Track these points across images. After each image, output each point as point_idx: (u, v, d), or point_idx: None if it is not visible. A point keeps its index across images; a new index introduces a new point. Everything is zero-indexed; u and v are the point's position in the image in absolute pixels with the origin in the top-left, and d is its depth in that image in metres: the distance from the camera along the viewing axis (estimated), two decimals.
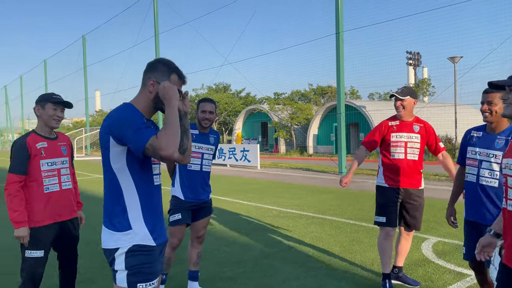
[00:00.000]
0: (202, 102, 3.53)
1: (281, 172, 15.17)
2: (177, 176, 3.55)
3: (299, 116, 28.25)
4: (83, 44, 34.20)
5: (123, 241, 1.92)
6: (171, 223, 3.49)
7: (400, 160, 3.63)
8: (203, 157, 3.55)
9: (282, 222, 6.62)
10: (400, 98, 3.59)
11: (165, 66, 2.02)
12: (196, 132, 3.53)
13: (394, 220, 3.68)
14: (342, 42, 13.56)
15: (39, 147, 2.92)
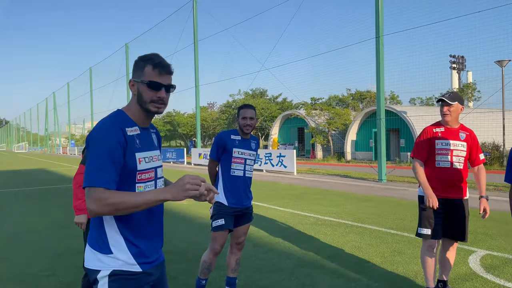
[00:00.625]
0: (242, 109, 3.56)
1: (318, 178, 14.97)
2: (220, 182, 3.57)
3: (336, 121, 27.85)
4: (126, 52, 35.47)
5: (104, 264, 1.72)
6: (214, 229, 3.48)
7: (445, 169, 3.46)
8: (245, 162, 3.58)
9: (320, 230, 6.50)
10: (448, 103, 3.42)
11: (140, 60, 1.80)
12: (238, 138, 3.57)
13: (438, 232, 3.50)
14: (382, 46, 13.26)
15: None
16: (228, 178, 3.53)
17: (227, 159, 3.53)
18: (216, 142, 3.57)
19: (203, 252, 5.20)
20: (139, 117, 1.83)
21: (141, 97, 1.78)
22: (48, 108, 74.98)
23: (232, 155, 3.51)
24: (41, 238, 6.33)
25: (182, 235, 6.35)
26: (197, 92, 24.38)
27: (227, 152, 3.52)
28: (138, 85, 1.79)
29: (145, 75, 1.77)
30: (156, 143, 1.95)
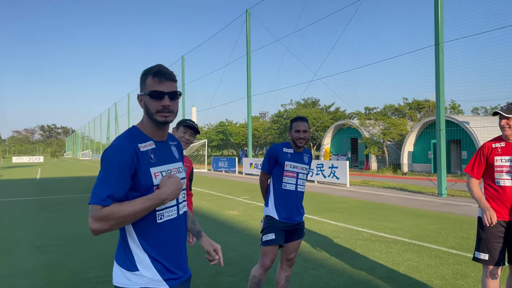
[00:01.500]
0: (295, 122, 3.48)
1: (372, 191, 14.42)
2: (271, 195, 3.49)
3: (392, 131, 26.83)
4: (182, 64, 36.76)
5: (131, 281, 1.72)
6: (264, 243, 3.39)
7: (507, 188, 3.13)
8: (297, 176, 3.49)
9: (374, 246, 6.20)
10: (505, 116, 3.12)
11: (142, 74, 1.79)
12: (291, 151, 3.49)
13: (499, 257, 3.17)
14: (442, 53, 12.60)
15: None
16: (279, 192, 3.45)
17: (279, 173, 3.46)
18: (268, 155, 3.51)
19: (254, 265, 5.15)
20: (153, 131, 1.80)
21: (148, 109, 1.77)
22: (110, 118, 79.49)
23: (284, 168, 3.43)
24: (98, 243, 6.59)
25: (233, 246, 6.33)
26: (249, 102, 24.63)
27: (279, 165, 3.45)
28: (143, 98, 1.77)
29: (147, 87, 1.76)
30: (178, 155, 1.93)
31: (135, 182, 1.69)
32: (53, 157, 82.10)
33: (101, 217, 1.59)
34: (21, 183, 20.12)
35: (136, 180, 1.69)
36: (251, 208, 10.41)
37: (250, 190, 15.04)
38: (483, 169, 3.30)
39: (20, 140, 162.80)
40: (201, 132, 50.63)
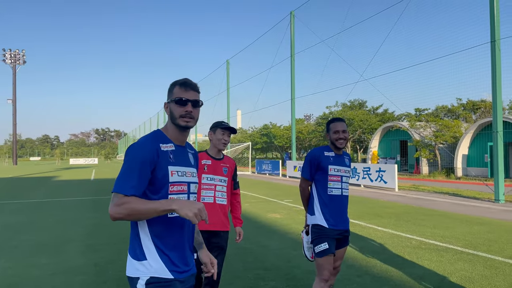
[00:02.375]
0: (333, 123, 3.37)
1: (422, 196, 13.81)
2: (316, 202, 3.34)
3: (445, 134, 25.58)
4: (227, 68, 37.30)
5: (140, 271, 1.87)
6: (318, 254, 3.22)
7: None
8: (342, 180, 3.37)
9: (423, 254, 5.91)
10: None
11: (170, 85, 2.03)
12: (332, 154, 3.38)
13: None
14: (498, 50, 11.85)
15: (203, 163, 3.49)
16: (325, 198, 3.31)
17: (322, 178, 3.33)
18: (309, 160, 3.38)
19: (295, 270, 5.09)
20: (174, 135, 2.00)
21: (172, 114, 1.97)
22: (159, 121, 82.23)
23: (328, 173, 3.32)
24: None
25: (274, 250, 6.28)
26: (292, 104, 24.50)
27: (322, 170, 3.33)
28: (170, 105, 1.99)
29: (174, 95, 1.98)
30: (193, 162, 2.10)
31: (153, 176, 1.87)
32: (106, 159, 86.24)
33: (121, 203, 1.75)
34: (77, 184, 21.27)
35: (155, 175, 1.87)
36: (294, 212, 10.31)
37: (293, 194, 14.92)
38: None
39: (76, 143, 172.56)
40: (245, 135, 51.10)
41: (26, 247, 6.67)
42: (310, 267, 5.27)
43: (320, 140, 41.61)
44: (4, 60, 66.46)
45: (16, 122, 66.30)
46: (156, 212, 1.75)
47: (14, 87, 66.67)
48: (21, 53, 67.24)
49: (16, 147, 68.26)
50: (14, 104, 66.82)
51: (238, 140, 49.89)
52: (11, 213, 10.58)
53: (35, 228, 8.40)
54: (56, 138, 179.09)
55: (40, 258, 5.94)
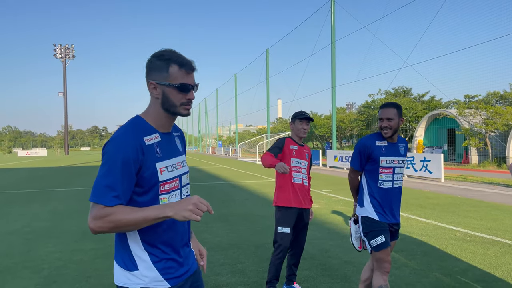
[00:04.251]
0: (380, 109, 3.14)
1: (470, 187, 13.15)
2: (365, 194, 3.18)
3: (496, 121, 24.15)
4: (267, 57, 37.16)
5: (131, 281, 1.62)
6: (376, 248, 3.06)
7: None
8: (394, 172, 3.13)
9: (468, 247, 5.62)
10: None
11: (159, 60, 1.63)
12: (384, 143, 3.13)
13: None
14: None
15: (291, 148, 3.89)
16: (375, 191, 3.13)
17: (373, 169, 3.13)
18: (359, 150, 3.15)
19: (331, 260, 5.01)
20: (161, 122, 1.69)
21: (168, 100, 1.64)
22: (201, 112, 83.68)
23: (379, 164, 3.10)
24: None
25: (311, 239, 6.22)
26: (333, 92, 24.03)
27: (372, 161, 3.11)
28: (163, 88, 1.63)
29: (172, 77, 1.63)
30: (181, 147, 1.82)
31: (140, 178, 1.57)
32: None
33: (103, 216, 1.47)
34: None
35: (141, 176, 1.57)
36: (333, 202, 10.16)
37: (333, 183, 14.70)
38: None
39: None
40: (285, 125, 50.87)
41: (73, 233, 7.02)
42: (347, 258, 5.17)
43: (362, 130, 40.64)
44: (55, 55, 69.96)
45: (67, 114, 69.89)
46: (146, 221, 1.49)
47: (64, 80, 70.18)
48: (70, 48, 70.44)
49: (67, 138, 72.06)
50: (65, 97, 70.39)
51: (278, 130, 49.80)
52: (60, 201, 11.17)
53: (83, 215, 8.81)
54: (105, 129, 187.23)
55: (85, 243, 6.22)
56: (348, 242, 6.01)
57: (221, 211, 8.88)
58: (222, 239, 6.33)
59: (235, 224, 7.43)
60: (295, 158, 3.87)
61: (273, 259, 3.85)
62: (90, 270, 4.87)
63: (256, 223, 7.46)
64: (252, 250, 5.61)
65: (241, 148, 47.07)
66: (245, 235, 6.55)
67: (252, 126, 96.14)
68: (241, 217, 8.17)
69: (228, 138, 73.45)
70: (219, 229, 7.08)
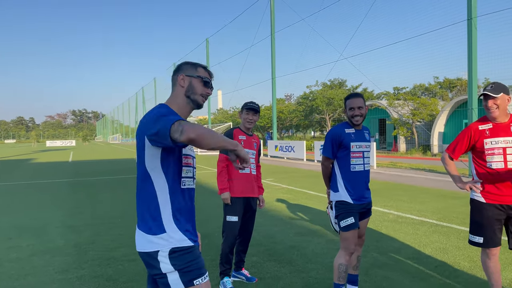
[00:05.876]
0: (349, 99, 3.36)
1: (400, 173, 14.14)
2: (339, 179, 3.37)
3: (422, 112, 26.07)
4: (207, 46, 36.72)
5: (160, 244, 1.90)
6: (345, 228, 3.28)
7: (499, 170, 3.01)
8: (363, 155, 3.38)
9: (400, 228, 6.09)
10: (492, 96, 2.99)
11: (189, 64, 2.10)
12: (352, 130, 3.37)
13: (494, 240, 3.10)
14: (475, 29, 12.03)
15: (240, 139, 3.93)
16: (348, 175, 3.33)
17: (345, 156, 3.34)
18: (330, 139, 3.36)
19: (277, 246, 5.18)
20: (183, 110, 2.05)
21: (192, 88, 2.04)
22: (138, 102, 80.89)
23: (350, 150, 3.32)
24: (128, 224, 6.78)
25: (256, 226, 6.35)
26: (273, 84, 24.43)
27: (344, 147, 3.32)
28: (191, 79, 2.04)
29: (199, 73, 2.06)
30: None
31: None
32: (84, 141, 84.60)
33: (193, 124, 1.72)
34: (54, 166, 20.87)
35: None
36: (276, 190, 10.42)
37: (275, 172, 15.05)
38: (463, 151, 3.25)
39: (53, 125, 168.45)
40: (226, 115, 50.84)
41: (5, 230, 6.56)
42: (291, 243, 5.37)
43: (301, 120, 41.80)
44: None
45: None
46: (221, 144, 1.76)
47: None
48: None
49: None
50: None
51: (219, 120, 49.64)
52: None
53: (14, 211, 8.25)
54: (32, 120, 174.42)
55: (19, 240, 5.86)
56: (292, 227, 6.24)
57: None
58: None
59: None
60: (244, 148, 3.94)
61: (224, 248, 3.92)
62: (28, 268, 4.61)
63: (202, 213, 7.47)
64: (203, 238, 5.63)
65: None
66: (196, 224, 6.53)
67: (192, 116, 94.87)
68: None
69: None
70: None
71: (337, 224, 3.36)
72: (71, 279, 4.24)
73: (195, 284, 1.89)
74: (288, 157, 22.22)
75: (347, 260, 3.30)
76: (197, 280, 1.90)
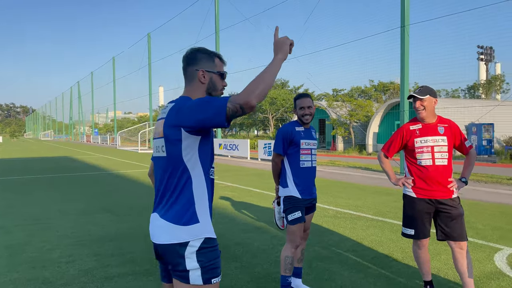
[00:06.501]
0: (299, 99, 3.55)
1: (338, 171, 14.78)
2: (288, 175, 3.52)
3: (358, 113, 27.42)
4: (148, 41, 35.74)
5: (190, 235, 1.86)
6: (292, 222, 3.43)
7: (428, 167, 3.32)
8: (311, 152, 3.58)
9: (339, 223, 6.40)
10: (419, 98, 3.29)
11: (205, 53, 2.03)
12: (302, 129, 3.55)
13: (424, 232, 3.40)
14: (407, 36, 12.88)
15: None
16: (298, 171, 3.50)
17: (295, 153, 3.50)
18: (282, 136, 3.51)
19: (221, 242, 5.20)
20: None
21: (214, 85, 2.02)
22: (73, 97, 76.64)
23: (300, 147, 3.49)
24: (63, 224, 6.45)
25: None
26: None
27: (294, 144, 3.49)
28: (212, 75, 2.01)
29: (217, 67, 2.03)
30: None
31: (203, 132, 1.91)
32: (12, 137, 78.68)
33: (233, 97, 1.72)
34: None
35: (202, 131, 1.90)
36: (220, 188, 10.44)
37: (219, 171, 15.04)
38: (397, 150, 3.53)
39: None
40: None
41: None
42: (237, 240, 5.44)
43: (244, 119, 42.05)
44: None
45: None
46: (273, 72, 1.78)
47: None
48: None
49: None
50: None
51: None
52: None
53: None
54: None
55: None
56: (237, 225, 6.32)
57: (106, 202, 8.45)
58: (109, 230, 6.07)
59: (121, 215, 7.16)
60: None
61: None
62: None
63: (144, 213, 7.31)
64: (141, 239, 5.51)
65: (120, 136, 44.63)
66: (133, 225, 6.38)
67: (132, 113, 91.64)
68: (128, 207, 7.90)
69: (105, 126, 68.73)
70: (105, 220, 6.75)
71: (285, 218, 3.50)
72: (5, 283, 3.97)
73: (213, 282, 1.89)
74: (232, 155, 22.30)
75: (293, 253, 3.44)
76: (215, 279, 1.90)
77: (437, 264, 4.39)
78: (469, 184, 10.11)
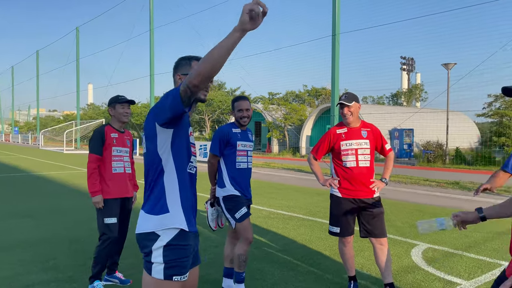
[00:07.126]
0: (237, 101, 3.58)
1: (273, 173, 15.10)
2: (225, 176, 3.54)
3: (292, 116, 28.22)
4: (77, 36, 33.84)
5: (159, 224, 1.93)
6: (240, 219, 3.46)
7: (352, 169, 3.57)
8: (247, 154, 3.62)
9: (272, 223, 6.54)
10: (347, 105, 3.52)
11: (185, 59, 2.13)
12: (238, 130, 3.59)
13: (349, 230, 3.64)
14: (338, 44, 13.52)
15: (112, 137, 3.76)
16: (234, 172, 3.53)
17: (231, 153, 3.52)
18: (218, 137, 3.52)
19: None
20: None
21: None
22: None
23: (236, 148, 3.51)
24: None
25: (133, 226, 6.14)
26: (151, 81, 23.73)
27: (231, 146, 3.52)
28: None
29: (193, 67, 2.06)
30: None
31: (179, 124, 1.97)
32: None
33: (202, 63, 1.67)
34: None
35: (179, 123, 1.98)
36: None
37: None
38: (325, 152, 3.76)
39: None
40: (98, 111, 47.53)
41: None
42: None
43: None
44: None
45: None
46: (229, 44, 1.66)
47: None
48: None
49: None
50: None
51: (89, 116, 46.11)
52: None
53: None
54: None
55: None
56: None
57: (26, 205, 7.86)
58: (29, 235, 5.65)
59: (43, 219, 6.71)
60: (116, 146, 3.79)
61: (101, 251, 3.72)
62: None
63: (68, 216, 6.91)
64: (66, 244, 5.21)
65: (43, 135, 41.66)
66: (56, 229, 6.00)
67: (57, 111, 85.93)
68: (50, 211, 7.41)
69: (26, 124, 63.76)
70: (24, 224, 6.28)
71: (230, 217, 3.51)
72: None
73: (173, 280, 1.93)
74: None
75: (245, 251, 3.49)
76: (176, 277, 1.93)
77: (361, 260, 4.66)
78: (390, 185, 10.87)
